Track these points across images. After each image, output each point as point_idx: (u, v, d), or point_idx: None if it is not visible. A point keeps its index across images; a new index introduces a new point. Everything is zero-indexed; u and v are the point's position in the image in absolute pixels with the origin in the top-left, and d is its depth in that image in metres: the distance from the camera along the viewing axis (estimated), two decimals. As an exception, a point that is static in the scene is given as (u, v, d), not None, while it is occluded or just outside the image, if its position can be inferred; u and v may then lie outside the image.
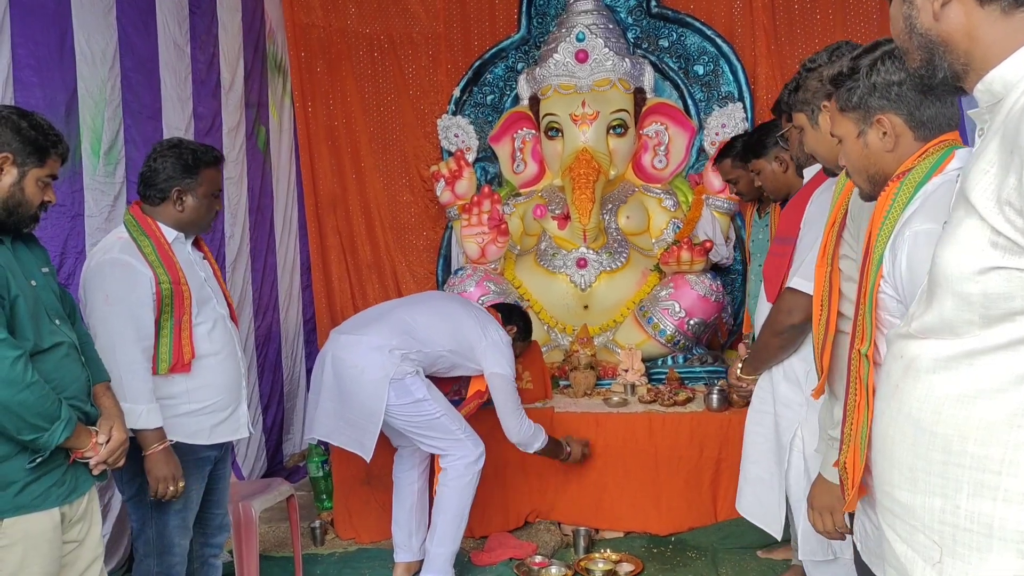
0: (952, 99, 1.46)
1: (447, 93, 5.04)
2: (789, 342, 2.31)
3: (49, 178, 1.96)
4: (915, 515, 1.07)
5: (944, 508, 1.03)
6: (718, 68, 4.75)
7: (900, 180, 1.43)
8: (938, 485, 1.04)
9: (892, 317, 1.41)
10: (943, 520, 1.03)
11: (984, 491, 1.00)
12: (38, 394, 1.79)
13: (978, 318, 0.99)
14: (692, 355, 4.33)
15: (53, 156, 1.96)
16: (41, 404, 1.80)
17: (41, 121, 1.95)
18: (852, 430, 1.49)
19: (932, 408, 1.04)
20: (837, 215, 1.86)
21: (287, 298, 4.94)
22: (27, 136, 1.89)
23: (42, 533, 1.86)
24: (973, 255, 0.98)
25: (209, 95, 4.15)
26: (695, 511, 3.70)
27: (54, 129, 1.97)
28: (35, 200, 1.93)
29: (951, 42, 1.06)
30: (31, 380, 1.78)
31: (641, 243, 4.62)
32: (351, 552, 3.71)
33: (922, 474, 1.05)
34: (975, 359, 1.01)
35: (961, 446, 1.01)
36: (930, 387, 1.05)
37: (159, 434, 2.28)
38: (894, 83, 1.46)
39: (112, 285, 2.28)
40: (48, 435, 1.82)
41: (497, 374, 3.22)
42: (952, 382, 1.03)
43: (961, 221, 1.00)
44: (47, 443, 1.83)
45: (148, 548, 2.38)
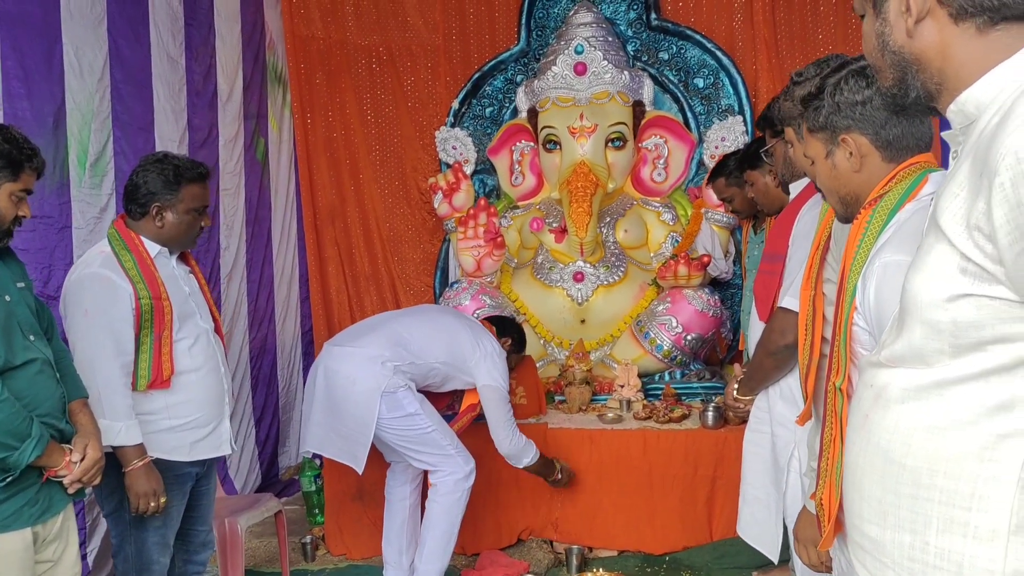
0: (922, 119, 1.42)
1: (446, 105, 5.02)
2: (783, 362, 2.27)
3: (23, 192, 1.93)
4: (884, 551, 1.02)
5: (913, 544, 0.98)
6: (718, 81, 4.71)
7: (873, 207, 1.39)
8: (907, 520, 0.99)
9: (864, 350, 1.37)
10: (912, 557, 0.99)
11: (954, 527, 0.95)
12: (8, 412, 1.76)
13: (948, 347, 0.95)
14: (690, 371, 4.28)
15: (27, 170, 1.93)
16: (11, 422, 1.76)
17: (16, 135, 1.92)
18: (828, 465, 1.45)
19: (901, 439, 1.00)
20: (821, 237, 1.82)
21: (284, 310, 4.91)
22: (0, 150, 1.87)
23: (13, 553, 1.83)
24: (942, 282, 0.94)
25: (205, 106, 4.14)
26: (690, 530, 3.64)
27: (29, 143, 1.94)
28: (8, 215, 1.91)
29: (924, 60, 1.02)
30: (1, 398, 1.75)
31: (639, 257, 4.57)
32: (342, 568, 3.66)
33: (891, 508, 1.01)
34: (945, 389, 0.96)
35: (930, 479, 0.97)
36: (899, 417, 1.01)
37: (139, 450, 2.25)
38: (858, 102, 1.43)
39: (91, 300, 2.25)
40: (18, 454, 1.79)
41: (489, 386, 3.19)
42: (922, 413, 0.98)
43: (931, 247, 0.96)
44: (17, 462, 1.79)
45: (127, 565, 2.35)
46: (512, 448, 3.22)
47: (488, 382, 3.19)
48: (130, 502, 2.24)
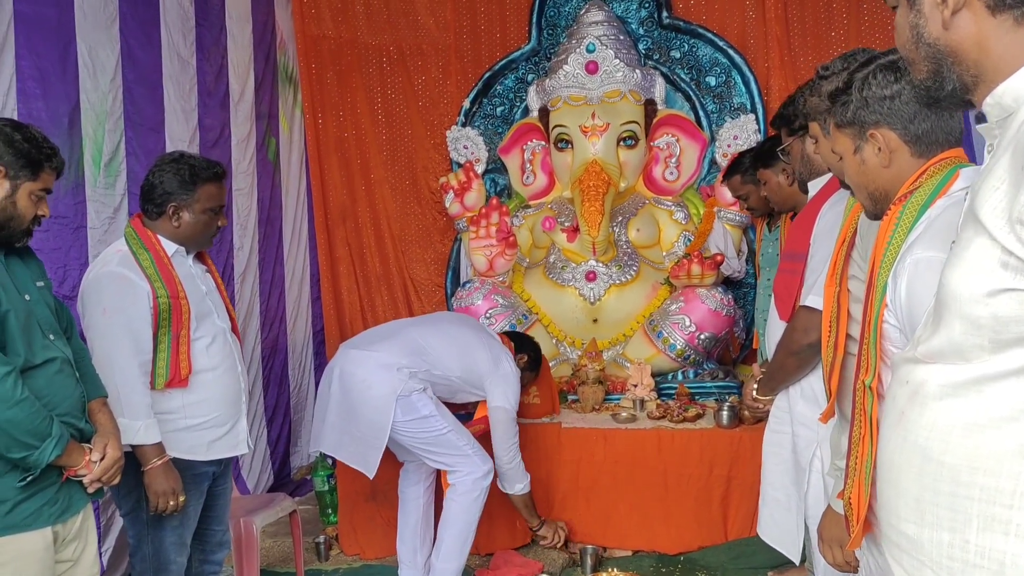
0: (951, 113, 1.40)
1: (456, 104, 5.01)
2: (806, 361, 2.24)
3: (43, 192, 1.93)
4: (922, 549, 1.01)
5: (953, 543, 0.97)
6: (730, 79, 4.70)
7: (902, 203, 1.37)
8: (946, 518, 0.98)
9: (895, 348, 1.35)
10: (951, 555, 0.97)
11: (995, 525, 0.94)
12: (28, 411, 1.75)
13: (988, 342, 0.94)
14: (703, 370, 4.26)
15: (47, 170, 1.92)
16: (31, 421, 1.76)
17: (35, 134, 1.92)
18: (856, 463, 1.43)
19: (940, 437, 0.98)
20: (847, 233, 1.81)
21: (295, 310, 4.91)
22: (20, 149, 1.86)
23: (33, 553, 1.82)
24: (982, 276, 0.92)
25: (217, 106, 4.14)
26: (705, 530, 3.62)
27: (49, 142, 1.94)
28: (28, 214, 1.90)
29: (960, 52, 1.01)
30: (21, 397, 1.74)
31: (652, 256, 4.56)
32: (355, 568, 3.66)
33: (929, 506, 0.99)
34: (984, 386, 0.95)
35: (970, 477, 0.96)
36: (937, 415, 0.99)
37: (158, 449, 2.25)
38: (886, 97, 1.41)
39: (110, 298, 2.25)
40: (38, 453, 1.78)
41: (501, 408, 3.20)
42: (961, 410, 0.97)
43: (970, 241, 0.95)
44: (37, 461, 1.79)
45: (145, 565, 2.35)
46: (510, 468, 3.23)
47: (501, 404, 3.20)
48: (149, 501, 2.24)
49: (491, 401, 3.21)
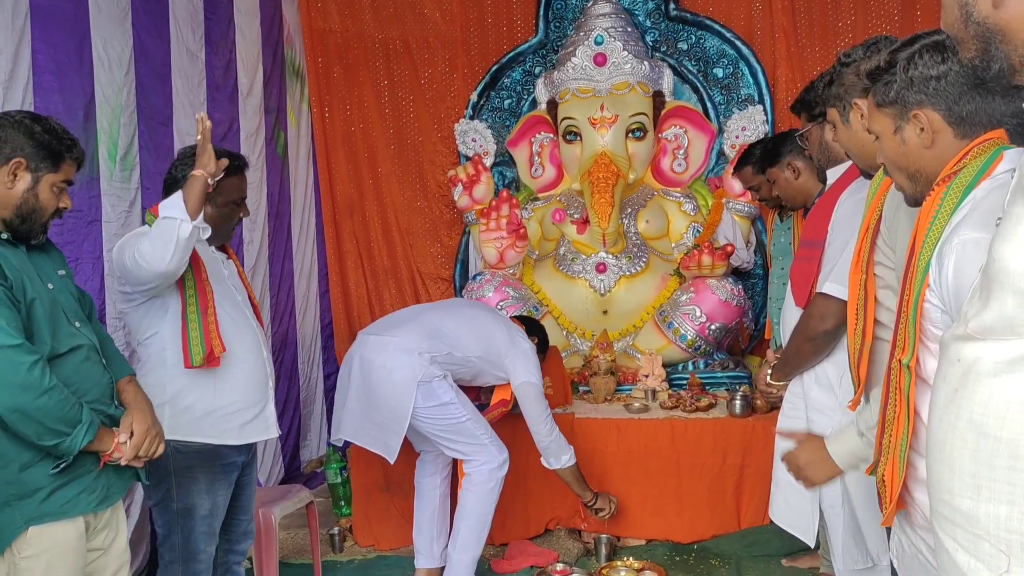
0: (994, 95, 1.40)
1: (464, 98, 5.02)
2: (821, 348, 2.26)
3: (64, 183, 1.92)
4: (979, 523, 1.02)
5: (1011, 515, 0.98)
6: (738, 71, 4.71)
7: (946, 184, 1.37)
8: (1004, 492, 0.99)
9: (936, 328, 1.36)
10: (1010, 528, 0.99)
11: None
12: (57, 399, 1.76)
13: None
14: (713, 360, 4.28)
15: (68, 161, 1.92)
16: (60, 408, 1.77)
17: (55, 125, 1.92)
18: (891, 442, 1.44)
19: (996, 413, 1.00)
20: (871, 220, 1.81)
21: (304, 304, 4.92)
22: (40, 140, 1.86)
23: (67, 542, 1.84)
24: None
25: (226, 100, 4.14)
26: (718, 518, 3.65)
27: (69, 134, 1.93)
28: (49, 206, 1.90)
29: (1010, 32, 1.02)
30: (49, 385, 1.75)
31: (661, 247, 4.58)
32: (370, 559, 3.67)
33: (986, 481, 1.01)
34: None
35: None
36: (992, 391, 1.01)
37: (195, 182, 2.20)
38: (932, 77, 1.41)
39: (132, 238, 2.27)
40: (70, 440, 1.79)
41: (528, 383, 3.20)
42: (1017, 385, 0.98)
43: (1021, 217, 0.96)
44: (69, 448, 1.80)
45: (174, 555, 2.35)
46: (550, 440, 3.22)
47: (526, 378, 3.20)
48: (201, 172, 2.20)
49: (515, 379, 3.22)
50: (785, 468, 2.47)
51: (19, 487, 1.78)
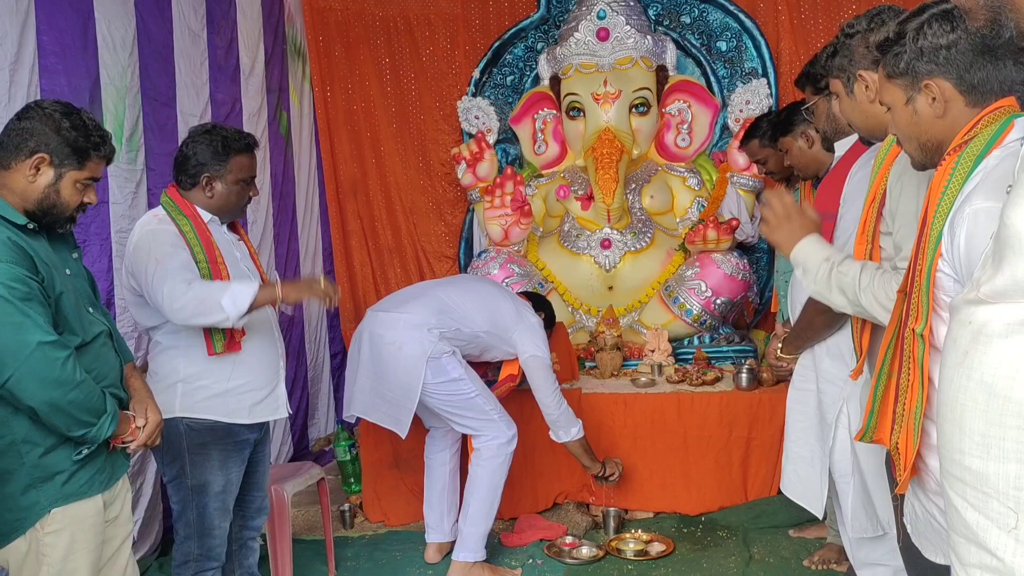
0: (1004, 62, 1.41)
1: (466, 75, 5.00)
2: (835, 320, 2.26)
3: (89, 180, 1.91)
4: (988, 482, 1.04)
5: (1020, 474, 1.01)
6: (741, 44, 4.69)
7: (958, 153, 1.38)
8: (1013, 451, 1.01)
9: (947, 296, 1.38)
10: (1019, 486, 1.01)
11: None
12: (87, 392, 1.80)
13: None
14: (718, 334, 4.30)
15: (95, 158, 1.90)
16: (89, 401, 1.81)
17: (87, 120, 1.89)
18: (905, 410, 1.46)
19: (1006, 373, 1.02)
20: (876, 191, 1.82)
21: (310, 284, 4.92)
22: (67, 136, 1.84)
23: (88, 518, 1.88)
24: None
25: (228, 80, 4.13)
26: (725, 491, 3.68)
27: (100, 129, 1.92)
28: (72, 202, 1.89)
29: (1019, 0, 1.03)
30: (80, 379, 1.78)
31: (665, 223, 4.58)
32: (381, 535, 3.71)
33: (996, 440, 1.03)
34: None
35: None
36: (1003, 352, 1.03)
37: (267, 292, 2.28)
38: (942, 46, 1.41)
39: (159, 249, 2.28)
40: (96, 429, 1.83)
41: (536, 356, 3.22)
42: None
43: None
44: (95, 437, 1.84)
45: (189, 530, 2.39)
46: (558, 414, 3.24)
47: (534, 352, 3.22)
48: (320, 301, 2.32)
49: (523, 353, 3.24)
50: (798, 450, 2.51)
51: (42, 470, 1.81)
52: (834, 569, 3.07)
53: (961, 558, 1.10)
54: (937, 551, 1.53)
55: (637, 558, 3.32)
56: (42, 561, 1.82)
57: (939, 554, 1.52)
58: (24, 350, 1.71)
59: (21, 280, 1.73)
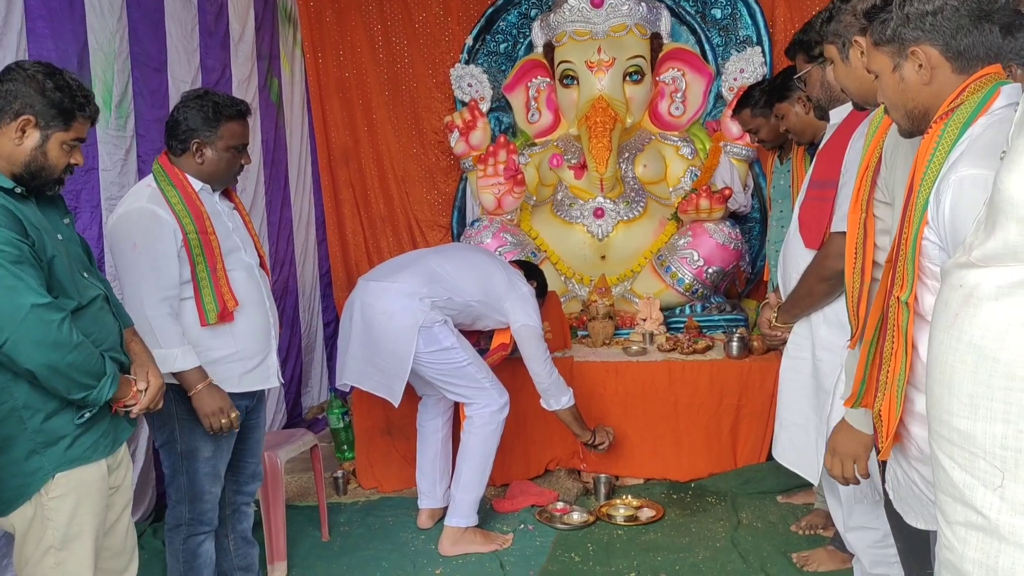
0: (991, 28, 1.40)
1: (459, 42, 4.96)
2: (835, 287, 2.25)
3: (76, 141, 1.89)
4: (975, 442, 1.06)
5: (1006, 433, 1.03)
6: (736, 11, 4.66)
7: (944, 121, 1.39)
8: (1000, 411, 1.03)
9: (933, 265, 1.38)
10: (1005, 445, 1.03)
11: None
12: (85, 354, 1.80)
13: None
14: (710, 304, 4.31)
15: (80, 119, 1.88)
16: (88, 363, 1.81)
17: (70, 81, 1.87)
18: (888, 378, 1.47)
19: (995, 335, 1.03)
20: (871, 159, 1.82)
21: (303, 252, 4.93)
22: (52, 98, 1.82)
23: (92, 482, 1.89)
24: None
25: (218, 46, 4.10)
26: (715, 457, 3.72)
27: (84, 89, 1.89)
28: (59, 164, 1.87)
29: None
30: (77, 341, 1.78)
31: (658, 192, 4.58)
32: (374, 501, 3.75)
33: (983, 400, 1.05)
34: None
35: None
36: (993, 314, 1.04)
37: (199, 373, 2.29)
38: (928, 12, 1.41)
39: (140, 234, 2.28)
40: (96, 392, 1.83)
41: (527, 325, 3.23)
42: (1017, 308, 1.02)
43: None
44: (96, 399, 1.84)
45: (180, 495, 2.41)
46: (549, 382, 3.26)
47: (525, 321, 3.23)
48: (202, 424, 2.29)
49: (515, 322, 3.25)
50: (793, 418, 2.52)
51: (45, 435, 1.82)
52: (821, 534, 3.12)
53: (947, 516, 1.12)
54: (918, 517, 1.55)
55: (627, 523, 3.36)
56: (47, 525, 1.83)
57: (920, 519, 1.55)
58: (19, 313, 1.70)
59: (12, 243, 1.72)
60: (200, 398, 2.28)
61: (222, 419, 2.30)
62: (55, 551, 1.84)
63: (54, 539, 1.84)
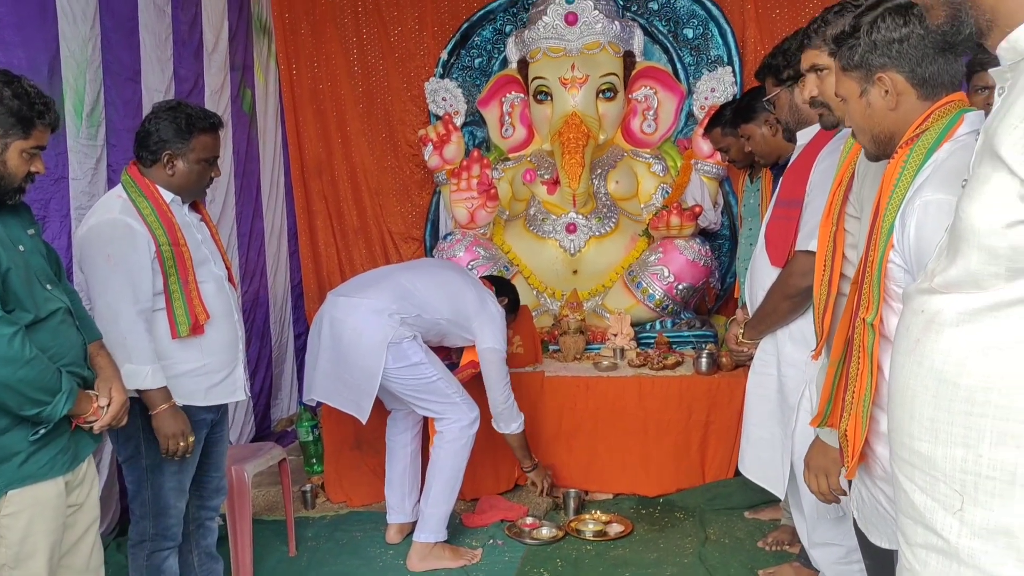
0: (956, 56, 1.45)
1: (434, 56, 4.98)
2: (799, 305, 2.30)
3: (36, 149, 1.87)
4: (935, 465, 1.08)
5: (966, 457, 1.05)
6: (707, 31, 4.72)
7: (910, 146, 1.42)
8: (960, 435, 1.05)
9: (898, 287, 1.41)
10: (965, 469, 1.05)
11: (1007, 440, 1.02)
12: (38, 369, 1.77)
13: (1004, 271, 1.00)
14: (680, 319, 4.35)
15: (39, 127, 1.85)
16: (41, 379, 1.78)
17: (28, 88, 1.84)
18: (853, 398, 1.50)
19: (956, 361, 1.06)
20: (844, 175, 1.85)
21: (275, 263, 4.90)
22: (10, 107, 1.79)
23: (48, 500, 1.85)
24: (1001, 210, 0.99)
25: (191, 56, 4.08)
26: (683, 473, 3.75)
27: (43, 96, 1.86)
28: (19, 173, 1.85)
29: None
30: (30, 356, 1.75)
31: (630, 208, 4.62)
32: (342, 515, 3.72)
33: (944, 425, 1.07)
34: (1000, 311, 1.02)
35: (985, 396, 1.03)
36: (954, 340, 1.06)
37: (164, 393, 2.27)
38: (895, 40, 1.45)
39: (114, 245, 2.25)
40: (51, 408, 1.80)
41: (493, 349, 3.24)
42: (977, 334, 1.04)
43: (988, 177, 1.01)
44: (50, 416, 1.81)
45: (144, 510, 2.38)
46: (504, 407, 3.29)
47: (491, 344, 3.24)
48: (159, 444, 2.27)
49: (481, 343, 3.26)
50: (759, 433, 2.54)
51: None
52: (787, 550, 3.14)
53: (908, 538, 1.14)
54: (882, 536, 1.58)
55: (596, 539, 3.37)
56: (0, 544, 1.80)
57: (883, 539, 1.57)
58: None
59: None
60: (162, 419, 2.26)
61: (180, 442, 2.27)
62: (8, 569, 1.81)
63: (7, 557, 1.80)
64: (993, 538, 1.03)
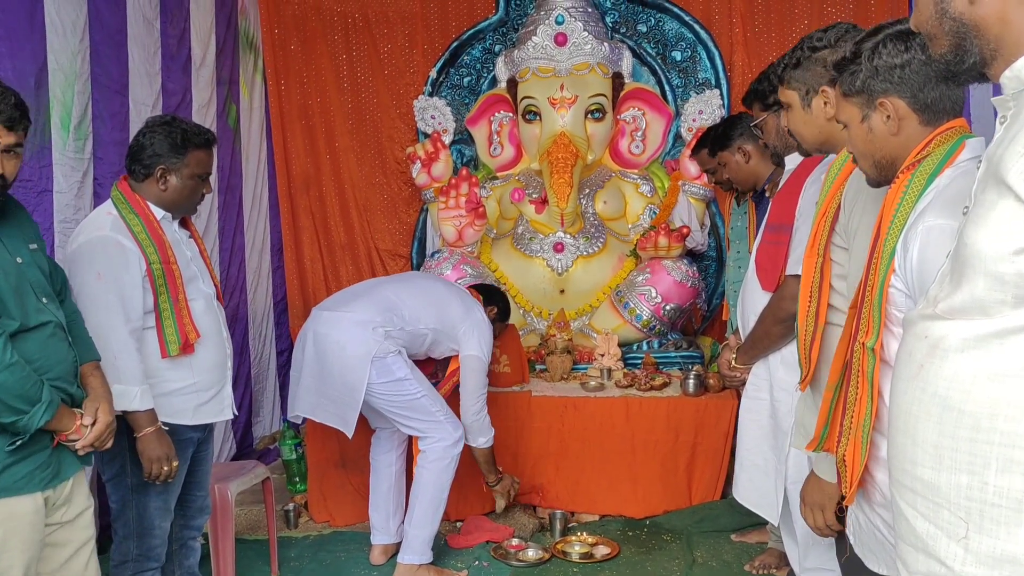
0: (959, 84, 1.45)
1: (423, 74, 4.98)
2: (791, 329, 2.29)
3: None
4: (939, 492, 1.07)
5: (971, 484, 1.04)
6: (695, 54, 4.76)
7: (911, 171, 1.43)
8: (965, 462, 1.05)
9: (899, 312, 1.41)
10: (970, 496, 1.04)
11: (1014, 467, 1.01)
12: (18, 375, 1.74)
13: (1011, 298, 1.00)
14: (667, 340, 4.35)
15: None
16: (21, 386, 1.74)
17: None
18: (852, 424, 1.49)
19: (961, 387, 1.05)
20: (829, 205, 1.86)
21: (255, 279, 4.86)
22: None
23: (24, 516, 1.81)
24: (1008, 236, 0.99)
25: (179, 70, 4.06)
26: (670, 495, 3.73)
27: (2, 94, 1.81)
28: None
29: (983, 27, 1.06)
30: (10, 361, 1.72)
31: (618, 228, 4.62)
32: (326, 535, 3.68)
33: (948, 451, 1.06)
34: (1006, 338, 1.02)
35: (991, 423, 1.02)
36: (959, 366, 1.06)
37: (151, 416, 2.24)
38: (896, 66, 1.46)
39: (104, 263, 2.22)
40: (28, 418, 1.77)
41: (474, 356, 3.22)
42: (983, 361, 1.04)
43: (994, 204, 1.01)
44: (27, 426, 1.77)
45: (128, 530, 2.34)
46: (476, 419, 3.26)
47: (474, 352, 3.22)
48: (143, 467, 2.23)
49: (465, 350, 3.24)
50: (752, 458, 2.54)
51: None
52: (774, 574, 3.13)
53: (909, 566, 1.13)
54: (880, 562, 1.57)
55: (582, 560, 3.35)
56: None
57: (881, 565, 1.56)
58: None
59: None
60: (147, 442, 2.22)
61: (164, 466, 2.24)
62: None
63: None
64: (999, 566, 1.02)
